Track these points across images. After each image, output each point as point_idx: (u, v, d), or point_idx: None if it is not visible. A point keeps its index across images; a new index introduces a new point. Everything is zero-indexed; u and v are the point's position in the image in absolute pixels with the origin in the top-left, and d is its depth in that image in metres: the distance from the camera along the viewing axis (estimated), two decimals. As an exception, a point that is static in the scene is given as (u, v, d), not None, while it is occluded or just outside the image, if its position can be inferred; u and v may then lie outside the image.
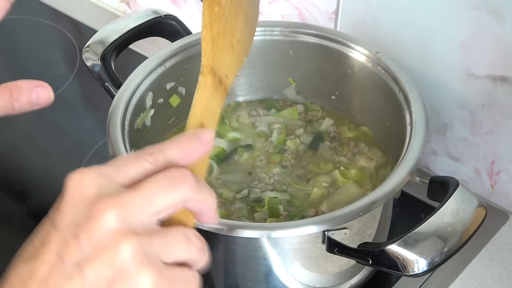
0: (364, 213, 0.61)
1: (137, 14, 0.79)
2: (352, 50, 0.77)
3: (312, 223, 0.61)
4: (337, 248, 0.62)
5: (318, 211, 0.72)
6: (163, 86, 0.77)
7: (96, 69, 0.75)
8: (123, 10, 1.14)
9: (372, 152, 0.78)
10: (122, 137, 0.68)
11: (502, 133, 0.79)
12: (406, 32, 0.80)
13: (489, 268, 0.77)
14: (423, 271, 0.59)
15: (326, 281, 0.68)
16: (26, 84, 0.54)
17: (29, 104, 0.54)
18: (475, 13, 0.73)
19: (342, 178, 0.75)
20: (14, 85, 0.54)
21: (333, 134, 0.81)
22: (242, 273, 0.68)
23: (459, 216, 0.60)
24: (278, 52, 0.81)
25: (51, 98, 0.55)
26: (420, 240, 0.59)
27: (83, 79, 1.00)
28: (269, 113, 0.83)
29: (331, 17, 0.87)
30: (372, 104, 0.78)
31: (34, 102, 0.54)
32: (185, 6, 1.04)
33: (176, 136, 0.47)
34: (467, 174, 0.85)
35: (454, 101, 0.81)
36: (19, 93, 0.54)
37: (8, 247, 0.80)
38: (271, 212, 0.71)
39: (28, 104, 0.54)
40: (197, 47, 0.78)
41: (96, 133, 0.90)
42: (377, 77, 0.75)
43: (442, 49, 0.78)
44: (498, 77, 0.75)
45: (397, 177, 0.63)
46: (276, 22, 0.82)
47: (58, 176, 0.91)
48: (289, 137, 0.80)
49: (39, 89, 0.54)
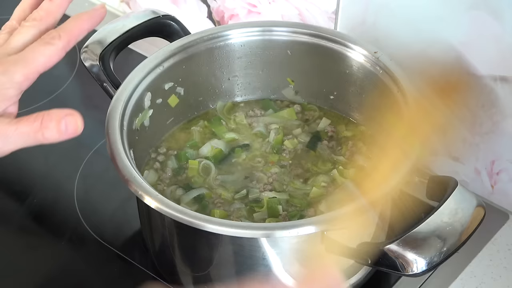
0: (363, 213, 0.61)
1: (135, 14, 0.79)
2: (350, 50, 0.77)
3: (311, 223, 0.61)
4: (336, 248, 0.62)
5: (317, 211, 0.72)
6: (161, 87, 0.77)
7: (95, 70, 0.75)
8: (123, 10, 1.14)
9: (371, 151, 0.78)
10: (121, 137, 0.68)
11: (502, 133, 0.78)
12: (406, 32, 0.80)
13: (489, 268, 0.77)
14: (422, 271, 0.59)
15: (325, 281, 0.68)
16: (57, 113, 0.55)
17: (58, 133, 0.55)
18: (475, 13, 0.73)
19: (341, 178, 0.75)
20: (46, 113, 0.55)
21: (331, 134, 0.81)
22: (241, 273, 0.68)
23: (458, 215, 0.60)
24: (276, 52, 0.81)
25: (79, 128, 0.56)
26: (419, 240, 0.59)
27: (83, 79, 1.00)
28: (266, 114, 0.83)
29: (331, 17, 0.87)
30: (371, 104, 0.78)
31: (63, 131, 0.55)
32: (185, 6, 1.04)
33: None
34: (467, 174, 0.84)
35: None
36: (49, 121, 0.55)
37: (8, 247, 0.81)
38: (270, 212, 0.71)
39: (58, 133, 0.55)
40: (195, 47, 0.78)
41: (96, 133, 0.90)
42: (376, 77, 0.75)
43: (442, 49, 0.78)
44: (498, 77, 0.75)
45: (396, 177, 0.63)
46: (275, 22, 0.82)
47: (58, 176, 0.91)
48: (287, 137, 0.80)
49: (69, 118, 0.55)
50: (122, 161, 0.65)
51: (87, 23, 0.60)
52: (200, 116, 0.83)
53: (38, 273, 0.78)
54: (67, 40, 0.58)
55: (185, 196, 0.74)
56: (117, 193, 0.85)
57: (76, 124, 0.55)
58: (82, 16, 0.60)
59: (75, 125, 0.55)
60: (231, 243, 0.64)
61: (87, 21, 0.60)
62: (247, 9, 0.96)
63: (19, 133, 0.55)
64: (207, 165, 0.77)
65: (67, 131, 0.55)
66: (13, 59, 0.56)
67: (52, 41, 0.57)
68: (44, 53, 0.56)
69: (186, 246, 0.68)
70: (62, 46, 0.57)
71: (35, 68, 0.56)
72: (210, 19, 1.02)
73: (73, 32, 0.59)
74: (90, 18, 0.61)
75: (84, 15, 0.61)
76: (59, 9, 0.61)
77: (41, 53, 0.56)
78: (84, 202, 0.84)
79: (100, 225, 0.82)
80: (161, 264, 0.75)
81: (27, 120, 0.55)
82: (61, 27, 0.59)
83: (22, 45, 0.58)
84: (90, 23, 0.61)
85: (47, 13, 0.60)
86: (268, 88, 0.85)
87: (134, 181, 0.63)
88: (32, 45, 0.57)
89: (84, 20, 0.60)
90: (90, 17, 0.61)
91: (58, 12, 0.61)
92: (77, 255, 0.80)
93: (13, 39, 0.59)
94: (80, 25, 0.60)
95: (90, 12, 0.61)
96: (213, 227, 0.60)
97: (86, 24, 0.60)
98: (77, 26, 0.59)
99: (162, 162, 0.78)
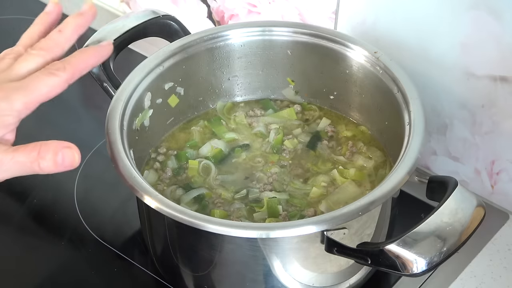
0: (363, 213, 0.61)
1: (135, 14, 0.79)
2: (350, 50, 0.77)
3: (311, 223, 0.61)
4: (336, 248, 0.62)
5: (317, 211, 0.72)
6: (161, 87, 0.77)
7: (95, 70, 0.75)
8: (123, 10, 1.14)
9: (371, 152, 0.78)
10: (121, 137, 0.68)
11: (502, 133, 0.78)
12: (406, 32, 0.80)
13: (489, 268, 0.77)
14: (422, 271, 0.59)
15: (325, 280, 0.68)
16: (55, 144, 0.55)
17: (55, 165, 0.54)
18: (475, 13, 0.73)
19: (341, 178, 0.75)
20: (43, 144, 0.55)
21: (331, 134, 0.81)
22: (241, 273, 0.68)
23: (458, 215, 0.60)
24: (276, 52, 0.81)
25: (76, 161, 0.55)
26: (419, 240, 0.59)
27: (83, 79, 0.99)
28: (266, 114, 0.83)
29: (331, 17, 0.87)
30: (371, 104, 0.78)
31: (59, 163, 0.54)
32: (185, 6, 1.04)
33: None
34: (467, 174, 0.84)
35: (454, 101, 0.81)
36: (47, 152, 0.54)
37: (8, 247, 0.81)
38: (270, 212, 0.71)
39: (54, 165, 0.54)
40: (195, 47, 0.78)
41: (96, 133, 0.90)
42: (376, 77, 0.75)
43: (442, 49, 0.78)
44: (498, 77, 0.75)
45: (396, 177, 0.63)
46: (275, 22, 0.82)
47: (58, 176, 0.91)
48: (287, 137, 0.80)
49: (66, 150, 0.55)
50: (122, 161, 0.65)
51: (93, 58, 0.60)
52: (200, 116, 0.83)
53: (38, 273, 0.78)
54: (72, 73, 0.57)
55: (185, 196, 0.74)
56: (117, 193, 0.85)
57: (73, 157, 0.55)
58: (89, 50, 0.60)
59: (72, 158, 0.55)
60: (231, 243, 0.64)
61: (94, 56, 0.60)
62: (247, 9, 0.96)
63: (15, 162, 0.54)
64: (207, 165, 0.77)
65: (63, 163, 0.54)
66: (15, 86, 0.55)
67: (57, 72, 0.56)
68: (47, 83, 0.56)
69: (186, 246, 0.68)
70: (65, 79, 0.56)
71: (36, 98, 0.55)
72: (210, 19, 1.02)
73: (78, 65, 0.58)
74: (97, 54, 0.60)
75: (91, 50, 0.60)
76: (67, 42, 0.59)
77: (44, 83, 0.55)
78: (84, 202, 0.84)
79: (100, 225, 0.82)
80: (161, 264, 0.75)
81: (24, 149, 0.54)
82: (67, 60, 0.58)
83: (26, 72, 0.57)
84: (96, 58, 0.60)
85: (55, 44, 0.59)
86: (268, 88, 0.85)
87: (134, 181, 0.63)
88: (35, 74, 0.56)
89: (91, 55, 0.59)
90: (97, 53, 0.60)
91: (66, 44, 0.59)
92: (77, 255, 0.80)
93: (17, 65, 0.58)
94: (86, 60, 0.59)
95: (97, 48, 0.61)
96: (213, 227, 0.60)
97: (92, 60, 0.59)
98: (83, 60, 0.58)
99: (162, 162, 0.78)
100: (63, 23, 0.60)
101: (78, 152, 0.55)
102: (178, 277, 0.73)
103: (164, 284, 0.76)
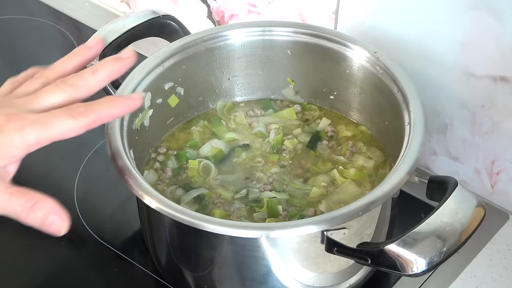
0: (363, 213, 0.61)
1: (135, 14, 0.79)
2: (350, 50, 0.77)
3: (311, 223, 0.60)
4: (336, 248, 0.62)
5: (317, 211, 0.72)
6: (161, 87, 0.77)
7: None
8: (123, 10, 1.14)
9: (371, 152, 0.78)
10: (121, 137, 0.68)
11: (502, 133, 0.78)
12: (406, 32, 0.80)
13: (489, 268, 0.77)
14: (422, 271, 0.59)
15: (325, 280, 0.68)
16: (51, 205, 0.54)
17: (41, 224, 0.53)
18: (475, 13, 0.73)
19: (341, 178, 0.75)
20: (40, 199, 0.53)
21: (331, 134, 0.81)
22: (241, 273, 0.68)
23: (458, 215, 0.60)
24: (276, 52, 0.81)
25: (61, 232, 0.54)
26: (419, 240, 0.59)
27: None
28: (266, 114, 0.83)
29: (331, 17, 0.87)
30: (371, 104, 0.78)
31: (46, 225, 0.53)
32: (185, 6, 1.04)
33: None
34: (467, 174, 0.84)
35: (454, 101, 0.81)
36: (40, 209, 0.53)
37: (8, 247, 0.81)
38: (270, 212, 0.71)
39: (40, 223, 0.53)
40: (195, 47, 0.78)
41: (96, 133, 0.90)
42: (376, 77, 0.75)
43: (442, 49, 0.78)
44: (498, 77, 0.75)
45: (396, 177, 0.63)
46: (275, 22, 0.82)
47: (58, 176, 0.91)
48: (287, 137, 0.80)
49: (57, 218, 0.53)
50: (122, 161, 0.65)
51: (118, 110, 0.57)
52: (200, 116, 0.83)
53: (38, 273, 0.78)
54: (92, 120, 0.54)
55: (185, 196, 0.74)
56: (117, 193, 0.85)
57: (61, 227, 0.54)
58: (116, 100, 0.57)
59: (60, 227, 0.54)
60: (231, 243, 0.64)
61: (119, 108, 0.57)
62: (247, 9, 0.96)
63: (8, 203, 0.53)
64: (207, 165, 0.77)
65: (49, 227, 0.53)
66: (33, 119, 0.53)
67: (78, 116, 0.54)
68: (65, 125, 0.53)
69: (186, 246, 0.68)
70: (84, 125, 0.54)
71: (50, 136, 0.53)
72: (210, 19, 1.02)
73: (100, 114, 0.55)
74: (123, 106, 0.57)
75: (119, 101, 0.57)
76: (98, 85, 0.57)
77: (62, 124, 0.53)
78: (84, 202, 0.84)
79: (100, 225, 0.82)
80: (160, 264, 0.75)
81: (21, 196, 0.53)
82: (92, 105, 0.55)
83: (49, 105, 0.55)
84: (122, 111, 0.57)
85: (84, 84, 0.56)
86: (268, 88, 0.85)
87: (134, 181, 0.63)
88: (56, 111, 0.54)
89: (117, 107, 0.56)
90: (124, 105, 0.57)
91: (95, 87, 0.57)
92: (77, 255, 0.80)
93: (42, 95, 0.56)
94: (110, 110, 0.56)
95: (125, 100, 0.58)
96: (213, 227, 0.60)
97: (117, 111, 0.57)
98: (107, 110, 0.56)
99: (162, 162, 0.78)
100: (99, 64, 0.58)
101: (68, 225, 0.54)
102: (178, 277, 0.73)
103: (164, 284, 0.76)
